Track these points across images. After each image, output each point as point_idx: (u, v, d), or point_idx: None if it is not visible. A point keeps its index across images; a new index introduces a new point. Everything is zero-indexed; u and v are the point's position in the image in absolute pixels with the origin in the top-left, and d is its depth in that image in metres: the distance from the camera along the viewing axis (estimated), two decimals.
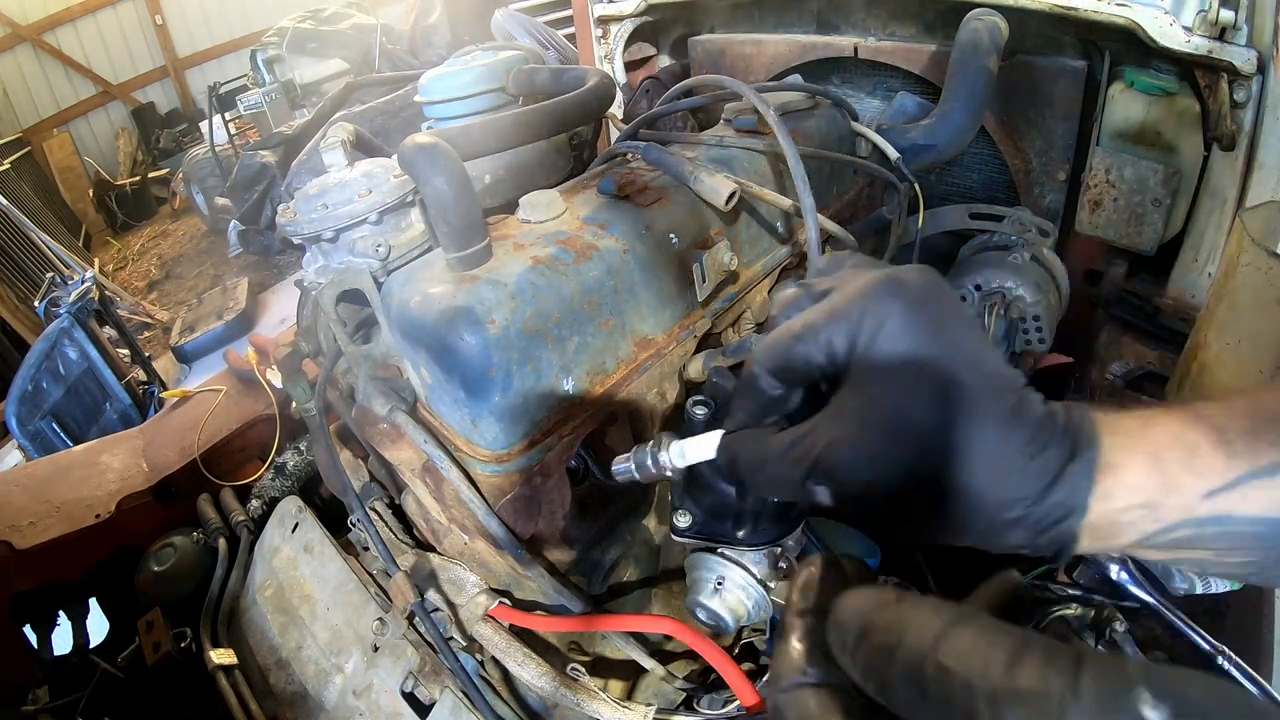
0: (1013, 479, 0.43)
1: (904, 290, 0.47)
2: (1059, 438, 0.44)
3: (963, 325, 0.47)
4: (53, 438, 3.05)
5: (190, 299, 5.90)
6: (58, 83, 9.98)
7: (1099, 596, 0.96)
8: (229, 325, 4.71)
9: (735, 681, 0.78)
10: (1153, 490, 0.42)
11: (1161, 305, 1.32)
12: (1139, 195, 1.28)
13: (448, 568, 0.96)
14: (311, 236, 0.85)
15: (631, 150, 1.07)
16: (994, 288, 1.25)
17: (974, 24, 1.24)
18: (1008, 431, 0.43)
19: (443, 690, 0.92)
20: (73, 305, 3.13)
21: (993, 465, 0.43)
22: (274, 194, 4.58)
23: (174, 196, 8.68)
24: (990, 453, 0.43)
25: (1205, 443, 0.42)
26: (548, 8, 3.73)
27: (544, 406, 0.80)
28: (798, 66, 1.60)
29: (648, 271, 0.89)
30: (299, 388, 0.98)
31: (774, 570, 0.80)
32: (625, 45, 1.91)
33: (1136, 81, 1.23)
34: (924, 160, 1.23)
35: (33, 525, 1.33)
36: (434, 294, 0.78)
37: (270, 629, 1.14)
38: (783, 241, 1.09)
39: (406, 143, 0.79)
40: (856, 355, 0.47)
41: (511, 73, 1.15)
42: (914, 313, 0.46)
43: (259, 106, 6.26)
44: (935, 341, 0.46)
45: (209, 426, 1.54)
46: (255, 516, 1.39)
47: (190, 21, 10.83)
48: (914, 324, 0.46)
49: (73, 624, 1.36)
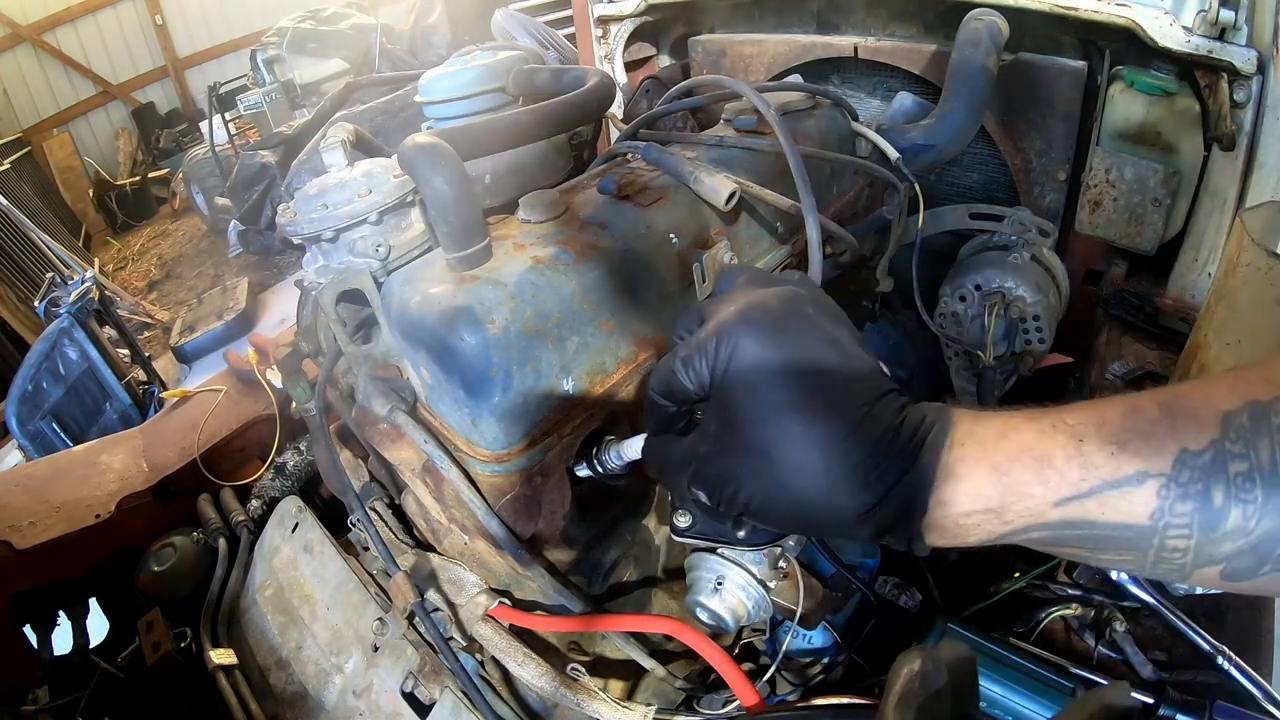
0: (850, 490, 0.48)
1: (754, 322, 0.54)
2: (900, 451, 0.48)
3: (817, 345, 0.53)
4: (53, 438, 3.05)
5: (190, 299, 5.90)
6: (58, 83, 9.98)
7: (1099, 596, 0.96)
8: (229, 325, 4.71)
9: (735, 681, 0.78)
10: (995, 498, 0.47)
11: (1161, 305, 1.32)
12: (1139, 195, 1.28)
13: (448, 568, 0.96)
14: (311, 236, 0.84)
15: (631, 150, 1.07)
16: (994, 288, 1.25)
17: (974, 24, 1.25)
18: (848, 447, 0.49)
19: (443, 690, 0.92)
20: (73, 305, 3.13)
21: (829, 482, 0.49)
22: (274, 194, 4.58)
23: (174, 196, 8.68)
24: (828, 469, 0.49)
25: (1060, 454, 0.45)
26: (548, 8, 3.73)
27: (544, 406, 0.80)
28: (798, 66, 1.60)
29: (648, 271, 0.89)
30: (299, 388, 0.98)
31: (774, 570, 0.80)
32: (625, 45, 1.91)
33: (1136, 81, 1.23)
34: (924, 160, 1.23)
35: (33, 525, 1.33)
36: (434, 294, 0.78)
37: (270, 629, 1.14)
38: (783, 241, 1.09)
39: (406, 143, 0.79)
40: (715, 384, 0.54)
41: (511, 73, 1.15)
42: (763, 342, 0.53)
43: (259, 106, 6.26)
44: (782, 368, 0.52)
45: (209, 426, 1.54)
46: (255, 516, 1.39)
47: (190, 21, 10.83)
48: (761, 354, 0.53)
49: (73, 624, 1.36)
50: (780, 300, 0.57)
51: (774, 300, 0.57)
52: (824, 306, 0.59)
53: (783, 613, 0.87)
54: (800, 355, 0.52)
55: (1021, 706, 0.76)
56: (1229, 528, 0.42)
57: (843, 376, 0.52)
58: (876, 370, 0.54)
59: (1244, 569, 0.43)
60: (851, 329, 0.58)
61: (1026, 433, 0.47)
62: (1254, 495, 0.41)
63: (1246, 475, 0.41)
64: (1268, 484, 0.41)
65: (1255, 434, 0.42)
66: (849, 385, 0.51)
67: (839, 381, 0.51)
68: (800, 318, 0.55)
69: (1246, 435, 0.42)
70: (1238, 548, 0.42)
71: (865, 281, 1.29)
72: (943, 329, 1.33)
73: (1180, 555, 0.44)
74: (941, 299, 1.32)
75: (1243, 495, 0.41)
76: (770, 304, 0.56)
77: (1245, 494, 0.41)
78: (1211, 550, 0.43)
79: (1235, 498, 0.42)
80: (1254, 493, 0.41)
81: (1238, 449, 0.42)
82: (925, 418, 0.50)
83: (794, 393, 0.51)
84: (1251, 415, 0.42)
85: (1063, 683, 0.78)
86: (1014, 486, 0.46)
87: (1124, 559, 0.46)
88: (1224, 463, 0.42)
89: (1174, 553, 0.44)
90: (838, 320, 0.58)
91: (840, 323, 0.58)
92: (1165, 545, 0.44)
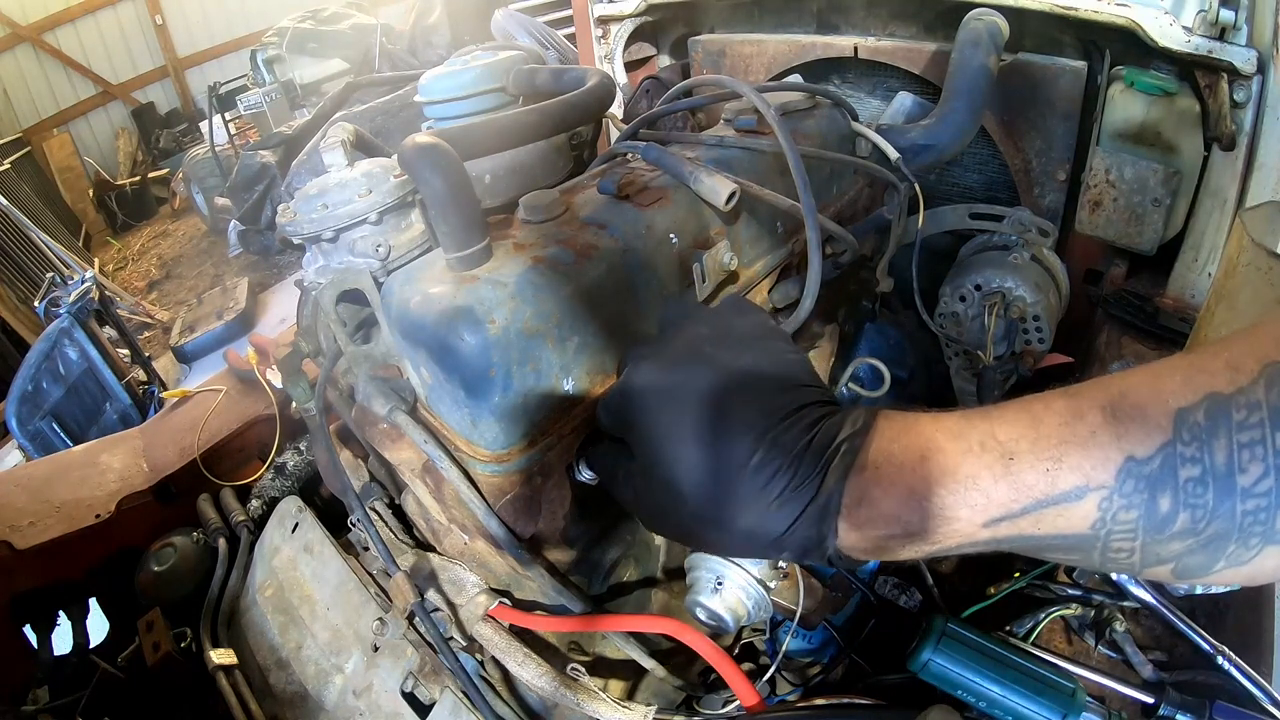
0: (756, 517, 0.49)
1: (647, 374, 0.58)
2: (807, 475, 0.48)
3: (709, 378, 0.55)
4: (53, 438, 3.05)
5: (190, 299, 5.90)
6: (58, 83, 9.97)
7: (1099, 596, 0.96)
8: (229, 325, 4.71)
9: (735, 681, 0.78)
10: (916, 523, 0.45)
11: (1161, 305, 1.32)
12: (1139, 195, 1.28)
13: (448, 568, 0.96)
14: (311, 236, 0.84)
15: (631, 150, 1.07)
16: (994, 288, 1.25)
17: (974, 24, 1.25)
18: (747, 474, 0.49)
19: (443, 690, 0.92)
20: (73, 305, 3.13)
21: (735, 509, 0.50)
22: (274, 194, 4.58)
23: (174, 196, 8.68)
24: (731, 496, 0.50)
25: (987, 475, 0.43)
26: (548, 8, 3.74)
27: (544, 406, 0.80)
28: (798, 66, 1.60)
29: (648, 271, 0.89)
30: (299, 388, 0.98)
31: (774, 570, 0.80)
32: (625, 45, 1.91)
33: (1136, 81, 1.23)
34: (924, 160, 1.23)
35: (33, 525, 1.33)
36: (434, 294, 0.78)
37: (270, 629, 1.14)
38: (783, 241, 1.09)
39: (406, 143, 0.79)
40: (633, 431, 0.58)
41: (511, 73, 1.15)
42: (657, 386, 0.56)
43: (259, 106, 6.26)
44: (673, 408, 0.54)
45: (209, 426, 1.54)
46: (255, 516, 1.39)
47: (190, 21, 10.83)
48: (656, 397, 0.56)
49: (73, 624, 1.36)
50: (682, 339, 0.61)
51: (675, 341, 0.62)
52: (739, 334, 0.61)
53: (783, 613, 0.87)
54: (690, 392, 0.54)
55: (1021, 706, 0.76)
56: (1176, 530, 0.39)
57: (739, 405, 0.52)
58: (794, 388, 0.54)
59: (1195, 567, 0.40)
60: (775, 349, 0.60)
61: (950, 454, 0.44)
62: (1204, 500, 0.38)
63: (1198, 480, 0.38)
64: (1220, 488, 0.38)
65: (1211, 433, 0.38)
66: (744, 413, 0.51)
67: (735, 411, 0.52)
68: (695, 355, 0.58)
69: (1201, 435, 0.38)
70: (1186, 547, 0.40)
71: (865, 281, 1.29)
72: (943, 329, 1.33)
73: (1127, 555, 0.42)
74: (941, 299, 1.32)
75: (1192, 500, 0.38)
76: (670, 345, 0.61)
77: (1195, 499, 0.38)
78: (1159, 550, 0.40)
79: (1184, 503, 0.39)
80: (1205, 497, 0.38)
81: (1190, 451, 0.38)
82: (837, 436, 0.49)
83: (685, 427, 0.53)
84: (1209, 411, 0.38)
85: (1063, 683, 0.78)
86: (935, 511, 0.44)
87: (1070, 559, 0.45)
88: (1173, 468, 0.38)
89: (1119, 553, 0.42)
90: (754, 342, 0.60)
91: (755, 345, 0.59)
92: (1110, 548, 0.41)
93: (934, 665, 0.80)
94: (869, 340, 1.37)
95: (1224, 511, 0.38)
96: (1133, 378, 0.42)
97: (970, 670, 0.78)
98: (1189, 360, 0.41)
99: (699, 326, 0.64)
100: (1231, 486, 0.38)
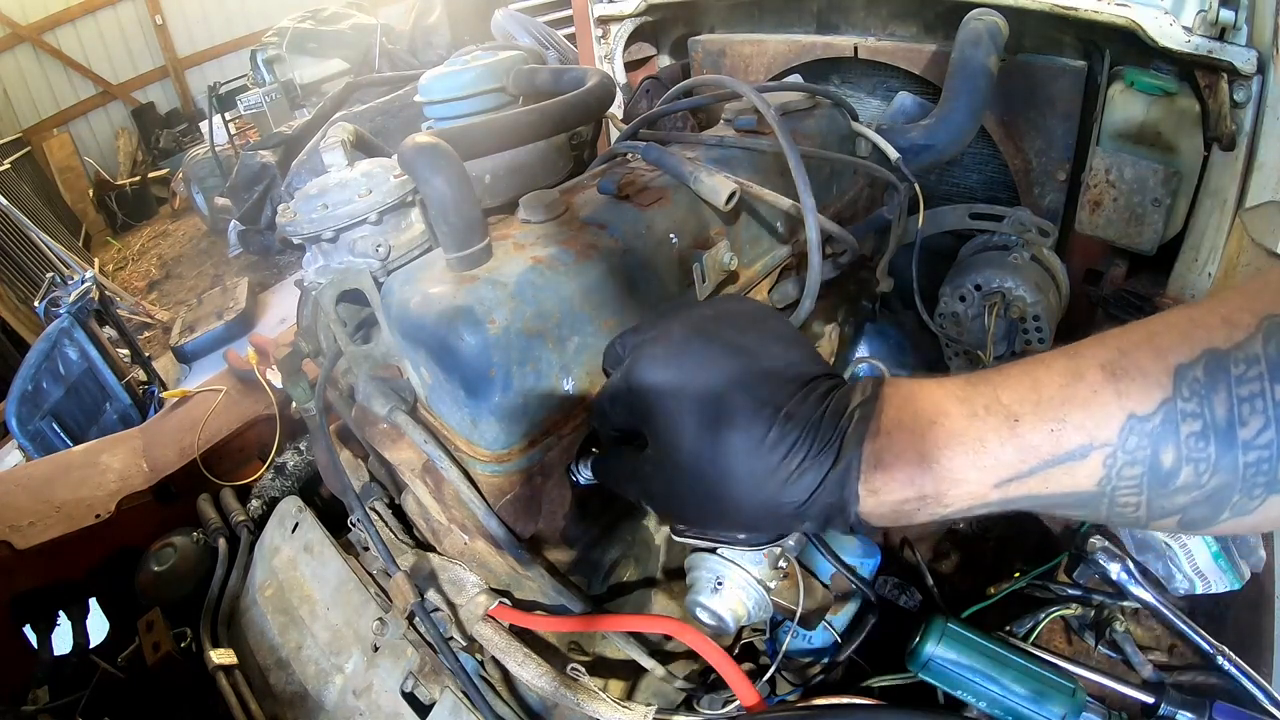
0: (778, 490, 0.49)
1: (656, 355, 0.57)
2: (824, 446, 0.49)
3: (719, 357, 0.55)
4: (53, 438, 3.05)
5: (190, 299, 5.90)
6: (58, 83, 9.98)
7: (1099, 596, 0.96)
8: (229, 325, 4.71)
9: (735, 681, 0.78)
10: (929, 485, 0.46)
11: (1161, 305, 1.32)
12: (1139, 195, 1.28)
13: (448, 568, 0.96)
14: (311, 236, 0.84)
15: (631, 150, 1.07)
16: (994, 288, 1.25)
17: (974, 24, 1.24)
18: (766, 450, 0.49)
19: (443, 690, 0.92)
20: (73, 305, 3.13)
21: (755, 485, 0.50)
22: (274, 194, 4.58)
23: (174, 196, 8.68)
24: (751, 473, 0.50)
25: (994, 438, 0.44)
26: (548, 8, 3.73)
27: (544, 406, 0.80)
28: (798, 66, 1.60)
29: (648, 271, 0.89)
30: (299, 388, 0.98)
31: (774, 570, 0.80)
32: (625, 45, 1.91)
33: (1136, 81, 1.23)
34: (924, 160, 1.23)
35: (33, 525, 1.33)
36: (434, 294, 0.78)
37: (270, 629, 1.14)
38: (783, 241, 1.09)
39: (406, 143, 0.79)
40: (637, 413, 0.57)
41: (511, 73, 1.15)
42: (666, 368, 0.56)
43: (259, 106, 6.26)
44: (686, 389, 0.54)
45: (209, 426, 1.54)
46: (255, 516, 1.39)
47: (190, 21, 10.83)
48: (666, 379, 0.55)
49: (73, 624, 1.36)
50: (682, 323, 0.60)
51: (676, 325, 0.60)
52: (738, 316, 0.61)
53: (783, 613, 0.87)
54: (701, 372, 0.54)
55: (1021, 706, 0.76)
56: (1180, 484, 0.40)
57: (751, 382, 0.52)
58: (800, 363, 0.55)
59: (1201, 519, 0.41)
60: (776, 328, 0.60)
61: (956, 418, 0.46)
62: (1207, 453, 0.39)
63: (1199, 434, 0.39)
64: (1221, 441, 0.39)
65: (1211, 388, 0.39)
66: (758, 390, 0.52)
67: (748, 387, 0.52)
68: (701, 336, 0.57)
69: (1200, 391, 0.39)
70: (1191, 500, 0.41)
71: (865, 281, 1.29)
72: (943, 329, 1.33)
73: (1133, 509, 0.43)
74: (941, 299, 1.32)
75: (1194, 455, 0.40)
76: (672, 330, 0.60)
77: (1198, 453, 0.39)
78: (1164, 504, 0.42)
79: (1186, 458, 0.40)
80: (1207, 450, 0.39)
81: (1190, 407, 0.39)
82: (849, 405, 0.50)
83: (702, 408, 0.52)
84: (1208, 367, 0.39)
85: (1063, 683, 0.78)
86: (947, 474, 0.45)
87: (1077, 514, 0.46)
88: (1175, 423, 0.39)
89: (1126, 507, 0.43)
90: (755, 323, 0.60)
91: (757, 325, 0.59)
92: (1116, 503, 0.43)
93: (934, 665, 0.80)
94: (869, 340, 1.37)
95: (1226, 464, 0.39)
96: (1132, 334, 0.43)
97: (970, 670, 0.78)
98: (1186, 316, 0.42)
99: (699, 308, 0.63)
100: (1233, 440, 0.39)
